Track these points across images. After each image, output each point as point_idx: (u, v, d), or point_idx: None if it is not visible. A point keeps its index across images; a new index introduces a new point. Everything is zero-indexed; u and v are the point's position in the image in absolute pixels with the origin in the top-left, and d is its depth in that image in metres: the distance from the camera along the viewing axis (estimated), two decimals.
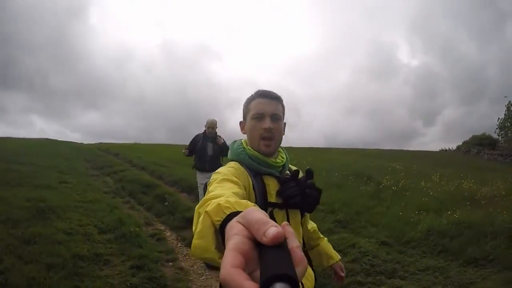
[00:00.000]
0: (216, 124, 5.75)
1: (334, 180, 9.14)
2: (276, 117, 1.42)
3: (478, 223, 5.24)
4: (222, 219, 0.61)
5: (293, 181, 1.38)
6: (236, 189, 1.04)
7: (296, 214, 1.44)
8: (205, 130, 5.78)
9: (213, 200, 0.71)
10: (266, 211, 1.27)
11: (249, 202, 0.68)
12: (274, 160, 1.42)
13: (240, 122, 1.52)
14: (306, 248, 1.63)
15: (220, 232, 0.61)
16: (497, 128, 36.45)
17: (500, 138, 33.97)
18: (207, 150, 5.69)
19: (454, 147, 33.81)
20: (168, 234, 5.75)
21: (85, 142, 27.59)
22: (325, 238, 1.76)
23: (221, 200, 0.67)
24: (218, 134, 5.76)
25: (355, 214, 6.23)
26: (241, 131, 1.52)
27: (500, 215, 5.58)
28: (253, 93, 1.47)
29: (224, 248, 0.43)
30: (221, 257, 0.54)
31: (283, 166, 1.46)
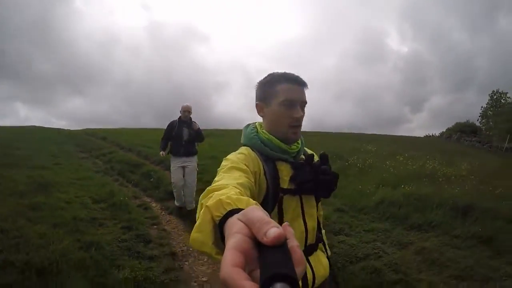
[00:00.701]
0: (191, 109, 5.82)
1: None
2: (304, 105, 1.39)
3: (428, 196, 5.90)
4: (222, 215, 0.61)
5: (307, 166, 1.36)
6: (243, 178, 1.04)
7: (310, 199, 1.43)
8: (180, 116, 5.83)
9: (216, 193, 0.74)
10: (277, 197, 1.30)
11: (251, 199, 0.69)
12: (289, 146, 1.39)
13: (257, 104, 1.43)
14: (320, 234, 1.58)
15: (219, 227, 0.61)
16: (479, 116, 37.67)
17: (482, 126, 35.09)
18: (182, 135, 5.72)
19: (438, 134, 35.14)
20: (154, 204, 6.51)
21: (71, 129, 28.00)
22: (324, 230, 1.71)
23: (223, 196, 0.67)
24: (193, 120, 5.82)
25: None
26: (259, 113, 1.45)
27: (451, 190, 6.32)
28: (275, 73, 1.40)
29: (222, 244, 0.45)
30: (217, 252, 0.60)
31: (298, 151, 1.43)
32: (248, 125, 1.48)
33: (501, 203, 5.75)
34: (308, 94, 1.41)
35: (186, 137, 5.73)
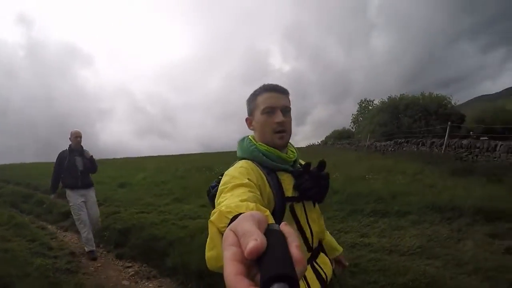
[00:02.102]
0: (81, 134, 5.41)
1: (179, 173, 12.31)
2: (286, 109, 1.42)
3: None
4: (227, 225, 0.62)
5: (306, 173, 1.39)
6: (247, 194, 1.01)
7: (310, 205, 1.46)
8: (70, 145, 5.43)
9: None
10: (284, 206, 1.31)
11: (250, 204, 0.71)
12: (287, 155, 1.42)
13: (247, 119, 1.49)
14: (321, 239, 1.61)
15: None
16: (351, 122, 43.06)
17: (354, 130, 40.09)
18: (76, 165, 5.34)
19: (318, 142, 39.67)
20: (49, 226, 7.63)
21: None
22: (328, 231, 1.73)
23: (222, 207, 0.70)
24: (84, 148, 5.52)
25: (189, 193, 8.98)
26: (249, 127, 1.50)
27: None
28: (258, 88, 1.45)
29: None
30: None
31: (295, 160, 1.46)
32: (243, 138, 1.50)
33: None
34: (194, 116, 2.01)
35: (81, 167, 5.39)
